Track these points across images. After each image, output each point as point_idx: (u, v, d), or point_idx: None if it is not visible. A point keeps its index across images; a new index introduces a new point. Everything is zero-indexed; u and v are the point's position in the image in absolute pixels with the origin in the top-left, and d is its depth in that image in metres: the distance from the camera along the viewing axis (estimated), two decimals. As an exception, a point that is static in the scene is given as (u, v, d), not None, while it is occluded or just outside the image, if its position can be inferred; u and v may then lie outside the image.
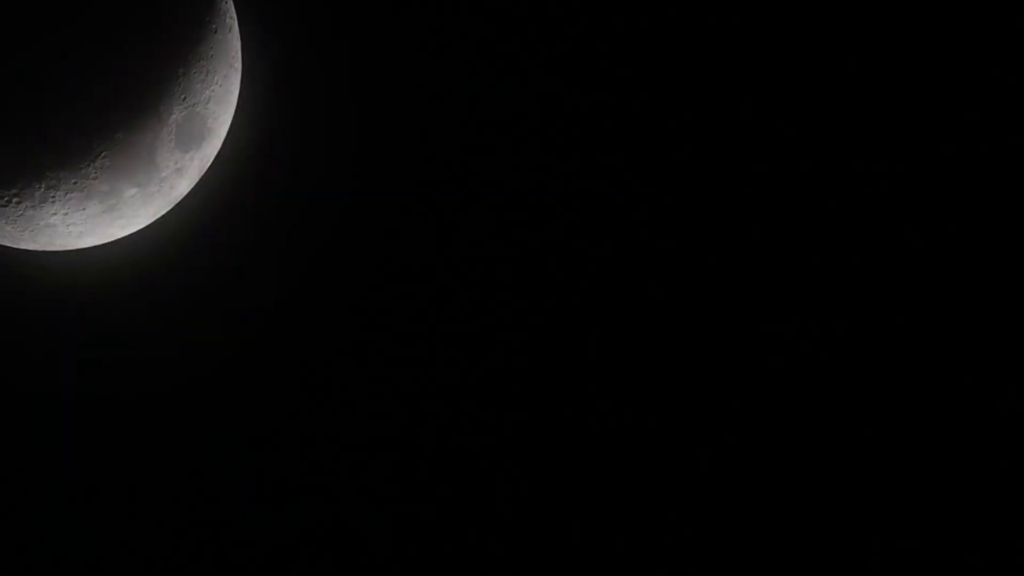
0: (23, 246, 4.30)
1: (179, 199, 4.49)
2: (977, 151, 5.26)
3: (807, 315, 5.38)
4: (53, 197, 3.98)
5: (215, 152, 4.55)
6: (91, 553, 5.52)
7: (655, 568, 5.51)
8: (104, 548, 5.54)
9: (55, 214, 4.05)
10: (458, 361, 5.51)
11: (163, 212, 4.47)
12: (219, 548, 5.53)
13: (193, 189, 4.51)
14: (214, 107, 4.33)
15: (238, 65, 4.55)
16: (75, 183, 3.96)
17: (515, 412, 5.52)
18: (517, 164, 5.38)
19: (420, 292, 5.49)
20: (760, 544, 5.50)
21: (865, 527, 5.43)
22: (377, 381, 5.52)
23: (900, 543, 5.39)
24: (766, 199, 5.36)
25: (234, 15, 4.51)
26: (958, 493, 5.37)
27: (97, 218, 4.16)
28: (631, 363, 5.49)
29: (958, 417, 5.38)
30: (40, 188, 3.94)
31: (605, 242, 5.41)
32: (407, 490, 5.58)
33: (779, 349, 5.45)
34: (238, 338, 5.44)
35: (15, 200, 3.99)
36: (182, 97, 4.07)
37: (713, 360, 5.44)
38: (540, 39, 5.31)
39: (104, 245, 4.44)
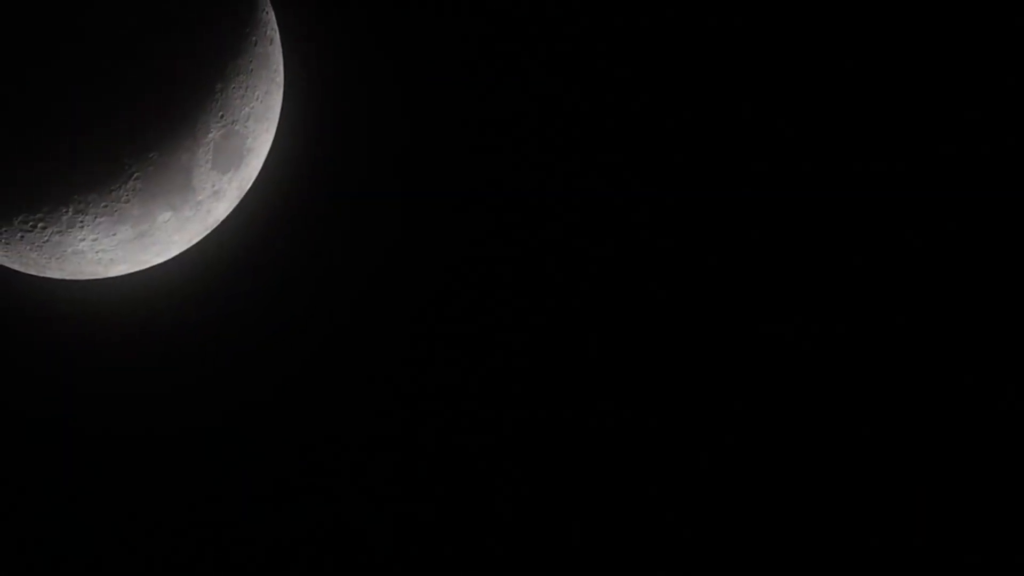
0: (49, 274, 4.12)
1: (217, 223, 4.30)
2: (977, 151, 5.28)
3: (807, 315, 5.41)
4: (81, 222, 3.78)
5: (255, 173, 4.36)
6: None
7: (655, 568, 5.52)
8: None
9: (83, 240, 3.86)
10: (496, 360, 5.57)
11: (199, 238, 4.29)
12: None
13: (232, 213, 4.33)
14: (254, 125, 4.13)
15: (280, 80, 4.33)
16: (105, 207, 3.77)
17: (528, 412, 5.57)
18: (569, 167, 5.41)
19: (470, 314, 5.53)
20: (761, 544, 5.51)
21: (865, 527, 5.44)
22: (429, 399, 5.55)
23: (900, 543, 5.40)
24: (766, 199, 5.38)
25: (276, 27, 4.28)
26: (958, 493, 5.38)
27: (128, 244, 3.97)
28: (634, 363, 5.53)
29: (958, 417, 5.40)
30: (67, 212, 3.74)
31: (634, 242, 5.47)
32: (420, 490, 5.59)
33: (779, 349, 5.47)
34: (277, 370, 5.13)
35: (40, 225, 3.77)
36: (220, 114, 3.88)
37: (713, 359, 5.48)
38: (578, 42, 5.32)
39: (136, 273, 4.27)
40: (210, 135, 3.86)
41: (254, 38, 4.02)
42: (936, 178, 5.34)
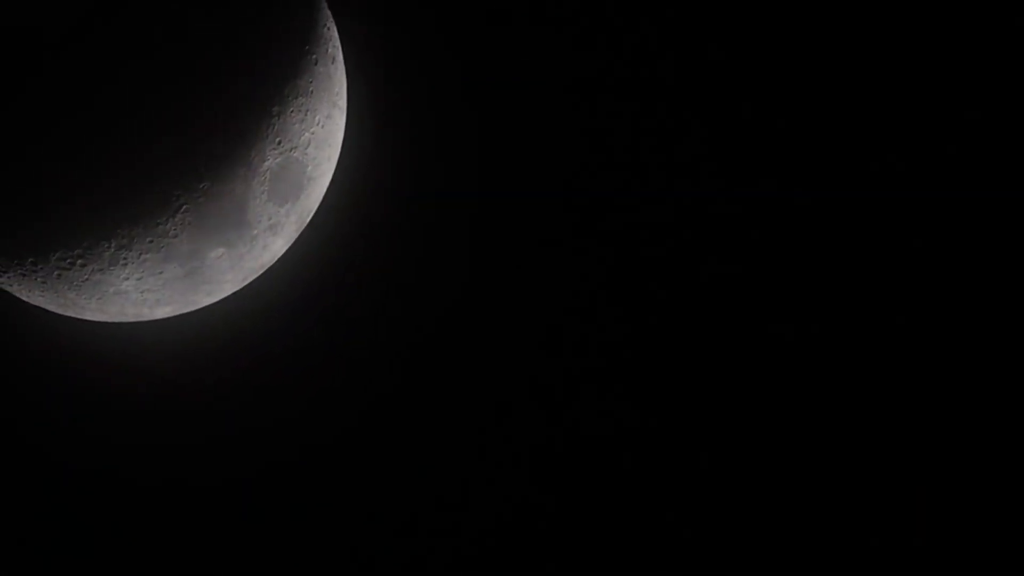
0: (89, 316, 3.86)
1: (273, 261, 4.07)
2: (977, 151, 5.31)
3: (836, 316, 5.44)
4: (124, 259, 3.56)
5: (315, 205, 4.14)
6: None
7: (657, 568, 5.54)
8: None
9: (127, 279, 3.63)
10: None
11: (254, 276, 4.08)
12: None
13: (290, 249, 4.11)
14: (314, 152, 3.90)
15: (342, 103, 4.09)
16: (151, 242, 3.53)
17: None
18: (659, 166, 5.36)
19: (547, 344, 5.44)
20: (762, 544, 5.51)
21: (865, 527, 5.49)
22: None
23: (900, 543, 5.46)
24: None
25: (338, 44, 4.04)
26: (958, 493, 5.43)
27: (176, 283, 3.75)
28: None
29: (958, 417, 5.44)
30: (109, 248, 3.50)
31: (712, 239, 5.46)
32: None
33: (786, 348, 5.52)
34: (337, 422, 4.76)
35: (79, 262, 3.53)
36: (277, 140, 3.65)
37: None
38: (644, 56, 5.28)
39: (184, 316, 4.02)
40: (266, 163, 3.64)
41: (314, 56, 3.78)
42: (936, 178, 5.36)
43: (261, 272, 4.06)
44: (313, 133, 3.82)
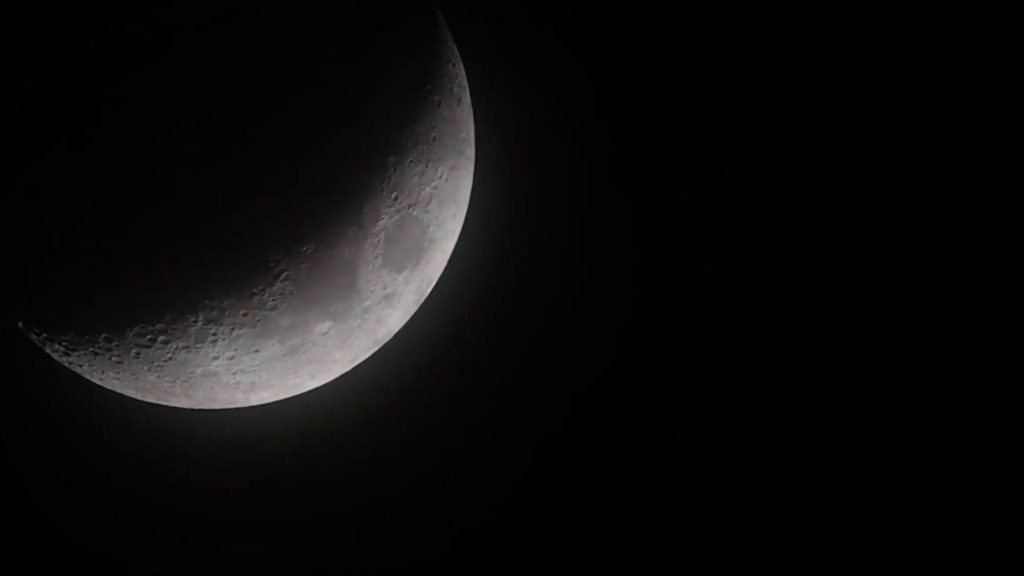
0: (173, 403, 3.62)
1: (388, 337, 3.81)
2: (977, 151, 5.28)
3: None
4: (214, 334, 3.25)
5: (438, 273, 3.87)
6: None
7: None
8: None
9: (217, 358, 3.33)
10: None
11: (367, 355, 3.81)
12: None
13: (408, 324, 3.86)
14: (436, 210, 3.60)
15: (470, 152, 3.81)
16: (245, 315, 3.23)
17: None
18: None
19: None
20: (764, 542, 5.45)
21: (865, 526, 5.53)
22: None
23: (900, 542, 5.53)
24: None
25: (465, 83, 3.75)
26: (958, 493, 5.49)
27: (275, 364, 3.45)
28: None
29: (957, 416, 5.45)
30: (196, 322, 3.20)
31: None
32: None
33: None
34: (467, 527, 4.20)
35: (161, 339, 3.23)
36: (392, 196, 3.35)
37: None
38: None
39: (285, 401, 3.75)
40: (380, 223, 3.35)
41: (437, 97, 3.49)
42: (936, 178, 5.31)
43: (374, 351, 3.82)
44: (435, 187, 3.56)
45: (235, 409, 3.72)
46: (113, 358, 3.32)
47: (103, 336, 3.23)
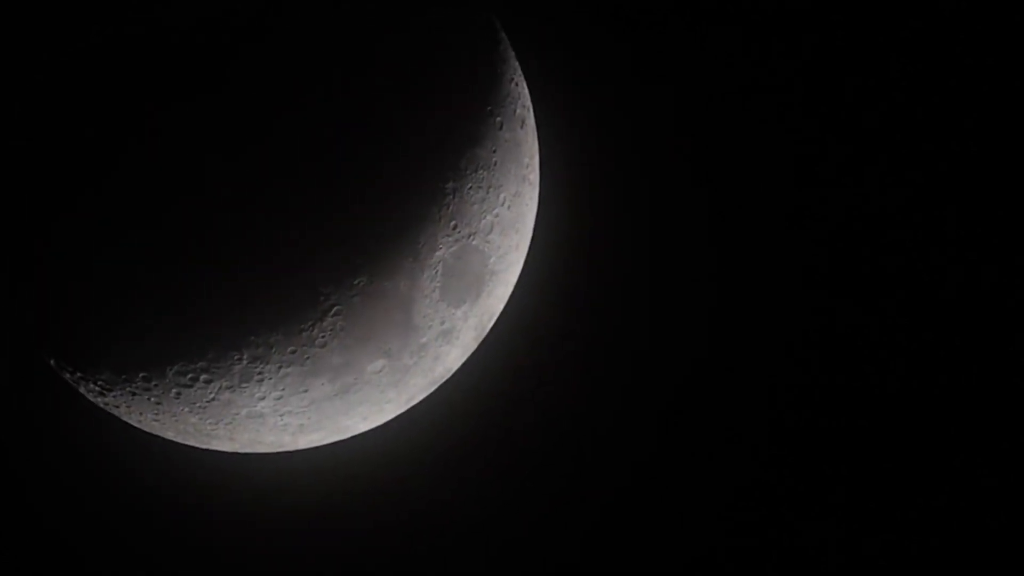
0: (216, 446, 3.49)
1: (447, 376, 3.69)
2: (977, 151, 5.33)
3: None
4: (260, 373, 3.13)
5: (500, 307, 3.76)
6: None
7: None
8: None
9: (263, 399, 3.22)
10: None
11: (424, 395, 3.70)
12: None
13: (467, 362, 3.73)
14: (498, 239, 3.49)
15: (534, 177, 3.68)
16: (293, 352, 3.10)
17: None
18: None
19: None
20: (765, 542, 5.41)
21: (865, 526, 5.54)
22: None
23: (900, 542, 5.58)
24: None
25: (528, 103, 3.59)
26: (958, 493, 5.53)
27: (325, 404, 3.33)
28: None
29: (957, 417, 5.47)
30: (241, 360, 3.07)
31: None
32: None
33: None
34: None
35: (203, 378, 3.10)
36: (451, 224, 3.23)
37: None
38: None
39: (335, 445, 3.60)
40: (438, 253, 3.24)
41: (499, 118, 3.36)
42: (936, 178, 5.33)
43: (432, 390, 3.69)
44: (497, 215, 3.44)
45: (282, 453, 3.60)
46: (152, 399, 3.21)
47: (141, 375, 3.12)
